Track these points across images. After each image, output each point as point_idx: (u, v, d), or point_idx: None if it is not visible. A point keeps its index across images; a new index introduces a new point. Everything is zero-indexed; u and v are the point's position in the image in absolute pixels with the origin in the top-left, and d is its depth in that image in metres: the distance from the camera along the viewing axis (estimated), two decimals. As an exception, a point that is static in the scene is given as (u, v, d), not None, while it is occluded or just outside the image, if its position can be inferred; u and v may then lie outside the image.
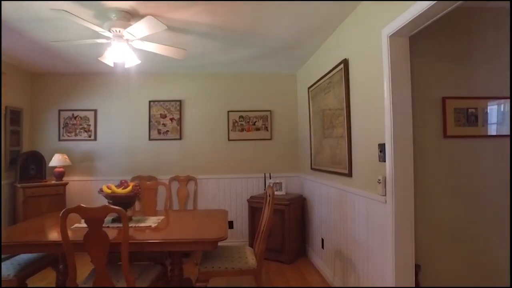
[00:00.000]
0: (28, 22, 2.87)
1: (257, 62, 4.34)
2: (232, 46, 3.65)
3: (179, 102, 4.76)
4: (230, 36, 3.33)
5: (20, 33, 3.16)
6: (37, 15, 2.69)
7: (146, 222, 2.76)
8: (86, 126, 4.67)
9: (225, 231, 2.44)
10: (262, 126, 4.83)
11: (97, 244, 2.07)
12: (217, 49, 3.76)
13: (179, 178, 4.67)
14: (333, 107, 3.33)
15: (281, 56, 4.08)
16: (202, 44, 3.56)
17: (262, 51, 3.85)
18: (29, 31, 3.07)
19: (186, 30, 3.09)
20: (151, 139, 4.73)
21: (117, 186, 2.82)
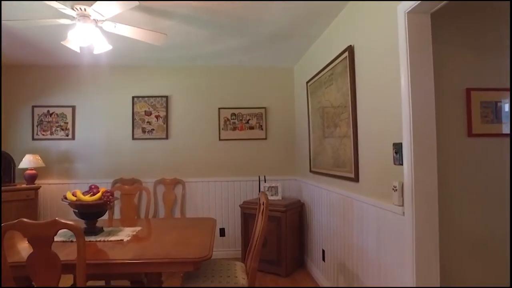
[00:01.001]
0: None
1: (250, 54, 3.94)
2: (220, 34, 3.25)
3: (165, 98, 4.35)
4: (217, 21, 2.93)
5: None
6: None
7: (118, 234, 2.35)
8: (63, 124, 4.24)
9: (209, 248, 2.03)
10: (256, 125, 4.43)
11: (44, 268, 1.65)
12: (204, 38, 3.35)
13: (165, 181, 4.26)
14: (335, 103, 2.94)
15: (276, 47, 3.69)
16: (186, 31, 3.16)
17: (254, 40, 3.45)
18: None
19: (167, 12, 2.69)
20: (134, 139, 4.31)
21: (85, 193, 2.41)
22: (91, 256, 1.91)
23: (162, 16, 2.77)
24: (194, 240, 2.24)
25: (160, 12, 2.67)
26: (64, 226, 1.61)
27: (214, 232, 2.47)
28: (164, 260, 1.86)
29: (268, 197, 2.30)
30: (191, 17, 2.83)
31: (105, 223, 2.81)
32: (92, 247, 2.10)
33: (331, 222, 3.08)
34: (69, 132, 4.24)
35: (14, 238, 2.30)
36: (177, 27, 3.03)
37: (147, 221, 2.96)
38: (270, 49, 3.77)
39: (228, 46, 3.63)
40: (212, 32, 3.21)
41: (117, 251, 2.02)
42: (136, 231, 2.48)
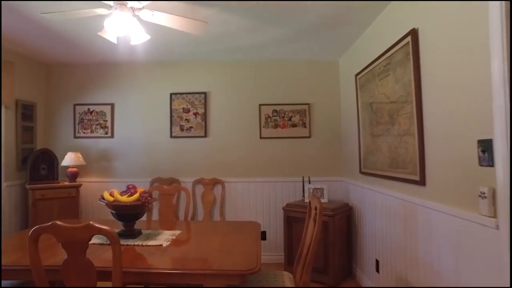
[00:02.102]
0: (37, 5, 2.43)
1: (292, 46, 3.67)
2: (261, 23, 3.02)
3: (204, 95, 4.19)
4: (259, 10, 2.69)
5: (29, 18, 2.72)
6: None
7: (157, 238, 2.19)
8: (102, 122, 4.21)
9: (257, 259, 1.80)
10: (299, 122, 4.16)
11: (78, 275, 1.50)
12: (244, 28, 3.13)
13: (204, 181, 4.10)
14: (393, 96, 2.60)
15: (321, 37, 3.39)
16: (226, 22, 2.95)
17: (298, 30, 3.18)
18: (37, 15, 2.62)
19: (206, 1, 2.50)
20: (172, 137, 4.19)
21: (122, 193, 2.27)
22: (128, 263, 1.74)
23: (201, 5, 2.58)
24: (239, 247, 2.02)
25: (199, 1, 2.49)
26: (99, 231, 1.44)
27: (259, 239, 2.23)
28: (208, 271, 1.65)
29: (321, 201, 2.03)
30: (232, 6, 2.62)
31: (144, 224, 2.68)
32: (130, 252, 1.94)
33: (387, 229, 2.75)
34: (108, 130, 4.21)
35: (53, 238, 2.20)
36: (217, 17, 2.83)
37: (187, 223, 2.79)
38: (314, 40, 3.48)
39: (270, 37, 3.39)
40: (253, 22, 2.99)
41: (156, 258, 1.84)
42: (176, 235, 2.30)
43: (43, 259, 1.76)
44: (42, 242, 2.01)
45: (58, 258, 1.76)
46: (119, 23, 2.06)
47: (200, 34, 2.45)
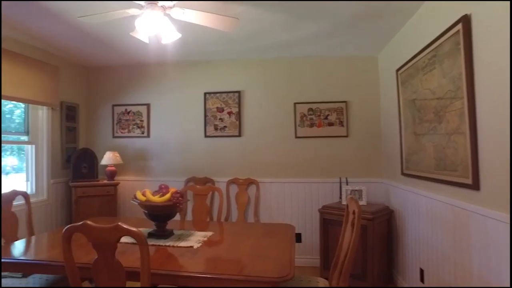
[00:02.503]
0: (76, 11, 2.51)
1: (329, 42, 3.51)
2: (295, 19, 2.90)
3: (238, 94, 4.14)
4: (293, 4, 2.58)
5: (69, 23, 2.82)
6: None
7: (189, 239, 2.16)
8: (139, 122, 4.30)
9: (290, 265, 1.70)
10: (336, 121, 3.98)
11: (108, 275, 1.49)
12: (278, 25, 3.03)
13: (238, 181, 4.05)
14: (439, 91, 2.38)
15: (359, 31, 3.20)
16: (258, 18, 2.87)
17: (334, 24, 3.03)
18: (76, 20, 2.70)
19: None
20: (207, 136, 4.18)
21: (154, 193, 2.27)
22: (158, 264, 1.72)
23: (232, 2, 2.52)
24: (272, 252, 1.93)
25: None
26: (127, 233, 1.42)
27: (294, 243, 2.13)
28: (237, 277, 1.57)
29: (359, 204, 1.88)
30: (264, 2, 2.53)
31: (177, 224, 2.67)
32: (161, 252, 1.92)
33: (433, 237, 2.53)
34: (144, 130, 4.29)
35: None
36: (249, 14, 2.76)
37: (220, 224, 2.74)
38: (351, 35, 3.30)
39: (304, 33, 3.26)
40: (287, 18, 2.88)
41: (186, 260, 1.80)
42: (208, 236, 2.26)
43: (79, 257, 1.79)
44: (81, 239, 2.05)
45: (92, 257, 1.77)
46: (150, 22, 2.04)
47: (232, 31, 2.39)
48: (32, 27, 3.05)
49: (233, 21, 2.28)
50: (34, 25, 3.02)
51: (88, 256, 1.80)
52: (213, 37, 3.34)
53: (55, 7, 2.61)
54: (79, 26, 3.03)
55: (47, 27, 3.07)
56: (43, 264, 1.83)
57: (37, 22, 2.94)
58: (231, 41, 3.50)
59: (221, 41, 3.49)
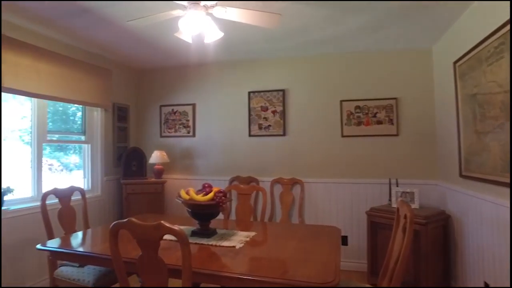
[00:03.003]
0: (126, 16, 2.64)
1: (377, 35, 3.32)
2: (341, 13, 2.77)
3: (282, 92, 4.08)
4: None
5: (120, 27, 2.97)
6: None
7: (231, 239, 2.14)
8: (185, 122, 4.41)
9: (335, 270, 1.61)
10: (385, 119, 3.77)
11: (151, 271, 1.51)
12: (322, 20, 2.92)
13: (282, 180, 4.00)
14: (508, 83, 2.14)
15: (411, 22, 2.99)
16: (302, 14, 2.79)
17: (384, 16, 2.85)
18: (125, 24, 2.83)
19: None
20: (251, 135, 4.17)
21: (198, 191, 2.28)
22: (200, 263, 1.71)
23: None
24: (316, 256, 1.85)
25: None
26: (169, 231, 1.42)
27: (340, 246, 2.03)
28: (281, 280, 1.52)
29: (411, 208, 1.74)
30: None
31: (220, 223, 2.68)
32: (203, 251, 1.92)
33: (500, 248, 2.28)
34: (190, 129, 4.39)
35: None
36: (291, 10, 2.68)
37: (263, 225, 2.71)
38: (402, 27, 3.09)
39: (350, 27, 3.11)
40: (331, 12, 2.76)
41: (228, 260, 1.78)
42: (250, 236, 2.23)
43: (128, 251, 1.84)
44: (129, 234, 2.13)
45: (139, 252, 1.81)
46: (193, 22, 2.06)
47: (275, 27, 2.33)
48: (90, 34, 3.26)
49: (276, 17, 2.23)
50: (92, 33, 3.22)
51: (136, 251, 1.84)
52: (256, 35, 3.31)
53: (108, 14, 2.75)
54: (130, 31, 3.16)
55: (102, 34, 3.25)
56: (95, 257, 1.92)
57: (94, 30, 3.13)
58: (274, 39, 3.45)
59: (264, 39, 3.45)
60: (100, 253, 1.91)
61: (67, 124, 3.76)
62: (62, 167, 3.74)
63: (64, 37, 3.37)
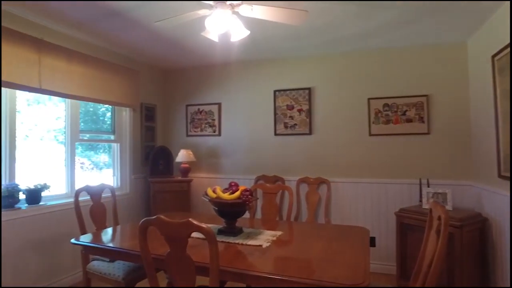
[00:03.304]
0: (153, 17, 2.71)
1: (407, 30, 3.21)
2: (369, 8, 2.70)
3: (308, 90, 4.03)
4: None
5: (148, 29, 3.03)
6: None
7: (258, 238, 2.13)
8: (210, 121, 4.45)
9: (364, 272, 1.57)
10: (416, 117, 3.64)
11: (179, 268, 1.52)
12: (349, 15, 2.86)
13: (308, 180, 3.95)
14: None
15: (445, 15, 2.86)
16: (328, 10, 2.73)
17: (415, 10, 2.75)
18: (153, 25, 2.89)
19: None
20: (277, 134, 4.15)
21: (224, 190, 2.29)
22: (227, 261, 1.71)
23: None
24: (344, 257, 1.80)
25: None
26: (197, 229, 1.43)
27: (369, 248, 1.97)
28: (309, 281, 1.49)
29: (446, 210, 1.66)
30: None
31: (246, 222, 2.67)
32: (230, 249, 1.93)
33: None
34: (216, 128, 4.42)
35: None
36: (317, 6, 2.64)
37: (289, 224, 2.68)
38: (434, 20, 2.96)
39: (378, 23, 3.03)
40: (358, 8, 2.69)
41: (255, 259, 1.77)
42: (277, 236, 2.21)
43: (155, 247, 1.87)
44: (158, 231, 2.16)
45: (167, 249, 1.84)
46: (220, 21, 2.06)
47: (301, 23, 2.30)
48: (119, 36, 3.36)
49: (302, 14, 2.20)
50: (121, 35, 3.32)
51: (164, 248, 1.86)
52: (281, 33, 3.29)
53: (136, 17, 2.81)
54: (157, 32, 3.23)
55: (131, 36, 3.34)
56: (125, 252, 1.96)
57: (123, 32, 3.22)
58: (300, 37, 3.41)
59: (290, 37, 3.42)
60: (129, 249, 1.96)
61: (97, 125, 3.88)
62: (93, 165, 3.87)
63: (94, 40, 3.49)
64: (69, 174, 3.40)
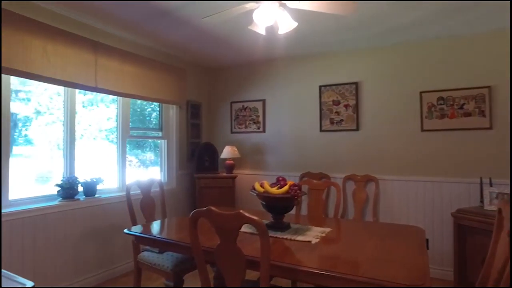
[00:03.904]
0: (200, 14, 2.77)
1: (465, 17, 2.97)
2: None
3: (355, 85, 3.89)
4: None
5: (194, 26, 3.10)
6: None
7: (306, 234, 2.08)
8: (255, 118, 4.45)
9: (424, 272, 1.46)
10: (475, 110, 3.37)
11: (229, 260, 1.52)
12: (400, 4, 2.69)
13: (355, 177, 3.81)
14: None
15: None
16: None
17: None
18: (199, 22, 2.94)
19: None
20: (322, 130, 4.05)
21: (272, 185, 2.26)
22: (276, 256, 1.68)
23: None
24: (399, 256, 1.70)
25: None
26: (248, 221, 1.41)
27: (426, 248, 1.84)
28: (361, 279, 1.42)
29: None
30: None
31: (292, 218, 2.63)
32: (278, 244, 1.89)
33: None
34: (260, 125, 4.41)
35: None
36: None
37: (337, 221, 2.60)
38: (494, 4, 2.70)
39: (431, 11, 2.83)
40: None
41: (304, 255, 1.72)
42: (325, 232, 2.14)
43: (204, 241, 1.89)
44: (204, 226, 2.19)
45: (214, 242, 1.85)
46: (267, 13, 2.03)
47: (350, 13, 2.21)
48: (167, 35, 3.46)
49: (351, 4, 2.11)
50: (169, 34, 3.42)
51: (211, 241, 1.87)
52: (328, 27, 3.20)
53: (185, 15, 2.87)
54: (203, 30, 3.28)
55: (178, 34, 3.43)
56: (174, 244, 2.00)
57: (171, 31, 3.31)
58: (347, 29, 3.29)
59: (338, 30, 3.31)
60: (178, 240, 1.99)
61: (144, 124, 4.04)
62: (140, 163, 4.03)
63: (144, 40, 3.62)
64: (120, 169, 3.57)
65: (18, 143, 2.85)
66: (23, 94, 2.88)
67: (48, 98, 3.07)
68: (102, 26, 3.21)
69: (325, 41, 3.65)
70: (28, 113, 2.93)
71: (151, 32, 3.37)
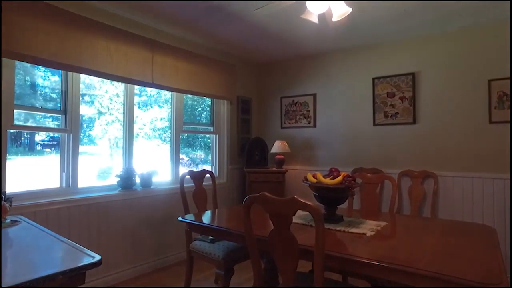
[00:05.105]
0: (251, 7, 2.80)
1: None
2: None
3: (411, 76, 3.66)
4: None
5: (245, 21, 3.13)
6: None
7: (360, 227, 2.00)
8: (305, 112, 4.39)
9: (499, 271, 1.33)
10: (554, 100, 3.01)
11: (282, 248, 1.50)
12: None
13: (412, 173, 3.60)
14: None
15: None
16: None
17: None
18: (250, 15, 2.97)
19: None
20: (376, 124, 3.88)
21: (325, 176, 2.21)
22: (329, 246, 1.63)
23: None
24: (466, 253, 1.56)
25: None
26: (303, 206, 1.39)
27: (499, 247, 1.67)
28: (427, 272, 1.32)
29: None
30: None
31: (345, 211, 2.54)
32: (331, 236, 1.84)
33: None
34: (310, 120, 4.34)
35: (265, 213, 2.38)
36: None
37: (392, 216, 2.47)
38: None
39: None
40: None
41: (359, 247, 1.66)
42: (381, 226, 2.04)
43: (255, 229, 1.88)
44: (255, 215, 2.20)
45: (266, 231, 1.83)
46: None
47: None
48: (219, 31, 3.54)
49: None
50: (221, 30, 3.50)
51: (262, 230, 1.86)
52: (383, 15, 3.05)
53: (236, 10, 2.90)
54: (254, 24, 3.30)
55: (229, 30, 3.48)
56: (226, 231, 2.04)
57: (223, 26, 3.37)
58: (405, 16, 3.11)
59: (392, 18, 3.14)
60: (230, 228, 2.02)
61: (195, 122, 4.17)
62: (190, 161, 4.17)
63: (196, 37, 3.73)
64: (173, 162, 3.71)
65: (83, 142, 3.08)
66: (87, 98, 3.11)
67: (108, 99, 3.28)
68: (158, 25, 3.37)
69: (379, 30, 3.48)
70: (92, 114, 3.16)
71: (204, 29, 3.46)
